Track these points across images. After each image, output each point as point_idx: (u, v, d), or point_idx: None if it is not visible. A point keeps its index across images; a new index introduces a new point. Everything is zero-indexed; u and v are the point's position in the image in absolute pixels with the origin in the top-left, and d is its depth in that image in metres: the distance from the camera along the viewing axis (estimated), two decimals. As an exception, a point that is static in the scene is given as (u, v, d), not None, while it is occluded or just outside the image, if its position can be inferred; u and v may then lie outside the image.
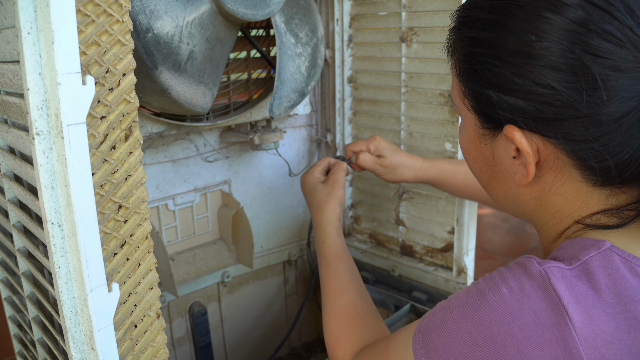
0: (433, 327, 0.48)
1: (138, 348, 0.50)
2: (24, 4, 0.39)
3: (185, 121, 0.91)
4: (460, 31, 0.50)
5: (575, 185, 0.47)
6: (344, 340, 0.66)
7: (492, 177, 0.53)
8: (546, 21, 0.42)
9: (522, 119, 0.45)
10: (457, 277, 1.00)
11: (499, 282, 0.45)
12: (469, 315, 0.45)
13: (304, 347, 1.30)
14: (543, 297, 0.42)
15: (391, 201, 1.10)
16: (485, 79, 0.47)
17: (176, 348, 1.06)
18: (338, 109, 1.13)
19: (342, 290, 0.72)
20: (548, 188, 0.48)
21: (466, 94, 0.50)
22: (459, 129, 0.56)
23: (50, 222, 0.43)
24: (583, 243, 0.45)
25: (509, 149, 0.48)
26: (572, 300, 0.41)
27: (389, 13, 1.01)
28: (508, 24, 0.44)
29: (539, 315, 0.42)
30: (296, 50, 0.93)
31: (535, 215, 0.52)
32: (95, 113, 0.44)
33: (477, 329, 0.44)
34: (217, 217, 1.07)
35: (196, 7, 0.75)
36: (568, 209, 0.48)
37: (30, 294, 0.60)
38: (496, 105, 0.46)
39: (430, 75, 0.97)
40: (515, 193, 0.52)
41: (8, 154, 0.54)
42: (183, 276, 1.01)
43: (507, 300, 0.43)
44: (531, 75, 0.43)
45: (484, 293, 0.45)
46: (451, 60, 0.53)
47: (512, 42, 0.44)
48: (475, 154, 0.53)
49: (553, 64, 0.42)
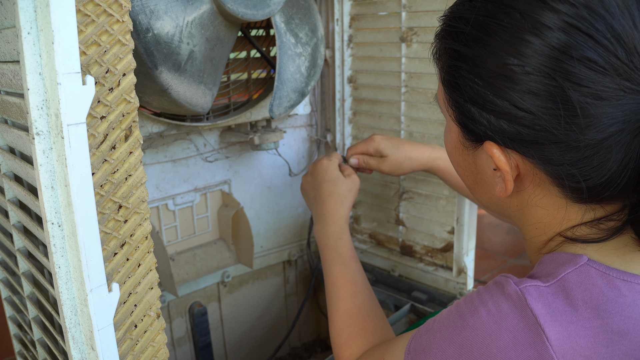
0: (419, 349, 0.50)
1: (138, 348, 0.50)
2: (24, 4, 0.39)
3: (185, 121, 0.91)
4: (445, 40, 0.49)
5: (555, 200, 0.47)
6: (351, 342, 0.67)
7: (475, 182, 0.54)
8: (527, 45, 0.42)
9: (500, 138, 0.45)
10: (457, 277, 1.00)
11: (478, 304, 0.46)
12: (451, 338, 0.46)
13: (304, 347, 1.30)
14: (520, 317, 0.42)
15: (391, 201, 1.10)
16: (467, 95, 0.46)
17: (176, 348, 1.06)
18: (338, 109, 1.13)
19: (354, 293, 0.72)
20: (528, 200, 0.49)
21: (450, 103, 0.50)
22: (445, 131, 0.56)
23: (50, 222, 0.43)
24: (560, 258, 0.46)
25: (489, 162, 0.48)
26: (549, 318, 0.41)
27: (389, 13, 1.01)
28: (490, 44, 0.44)
29: (517, 335, 0.42)
30: (296, 50, 0.93)
31: (519, 223, 0.53)
32: (95, 113, 0.44)
33: (460, 352, 0.45)
34: (217, 217, 1.07)
35: (196, 7, 0.75)
36: (549, 221, 0.48)
37: (30, 294, 0.60)
38: (477, 121, 0.46)
39: (430, 75, 0.97)
40: (497, 200, 0.52)
41: (8, 154, 0.54)
42: (183, 276, 1.01)
43: (485, 322, 0.44)
44: (511, 98, 0.43)
45: (464, 315, 0.46)
46: (436, 66, 0.52)
47: (493, 63, 0.43)
48: (459, 159, 0.54)
49: (533, 90, 0.42)
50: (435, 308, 1.00)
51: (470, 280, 0.99)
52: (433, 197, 1.02)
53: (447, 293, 1.01)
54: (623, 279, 0.43)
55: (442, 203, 1.00)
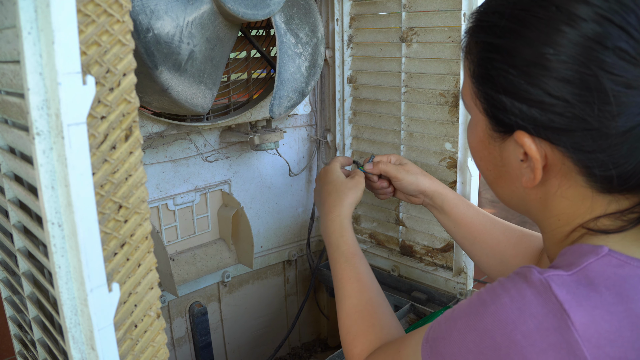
0: (439, 337, 0.50)
1: (138, 348, 0.50)
2: (25, 4, 0.39)
3: (185, 121, 0.91)
4: (477, 35, 0.51)
5: (580, 191, 0.48)
6: (361, 338, 0.67)
7: (498, 176, 0.54)
8: (563, 35, 0.44)
9: (533, 127, 0.46)
10: (457, 277, 1.00)
11: (500, 291, 0.46)
12: (473, 325, 0.46)
13: (304, 347, 1.30)
14: (544, 303, 0.43)
15: (391, 201, 1.10)
16: (500, 85, 0.48)
17: (176, 348, 1.06)
18: (338, 109, 1.13)
19: (360, 289, 0.72)
20: (554, 191, 0.49)
21: (479, 96, 0.51)
22: (468, 127, 0.57)
23: (50, 222, 0.43)
24: (582, 250, 0.46)
25: (517, 152, 0.50)
26: (574, 304, 0.42)
27: (389, 13, 1.01)
28: (526, 34, 0.46)
29: (541, 321, 0.42)
30: (296, 50, 0.93)
31: (540, 216, 0.53)
32: (95, 113, 0.44)
33: (481, 338, 0.45)
34: (217, 217, 1.07)
35: (196, 7, 0.75)
36: (573, 212, 0.49)
37: (30, 293, 0.60)
38: (508, 111, 0.48)
39: (430, 75, 0.97)
40: (521, 193, 0.53)
41: (8, 154, 0.54)
42: (183, 276, 1.01)
43: (508, 309, 0.44)
44: (545, 86, 0.45)
45: (486, 303, 0.46)
46: (465, 60, 0.54)
47: (529, 52, 0.45)
48: (483, 152, 0.55)
49: (567, 78, 0.43)
50: (435, 308, 0.99)
51: (470, 280, 0.99)
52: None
53: (447, 293, 1.01)
54: None
55: (442, 203, 1.00)
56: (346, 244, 0.77)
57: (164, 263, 0.91)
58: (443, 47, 0.94)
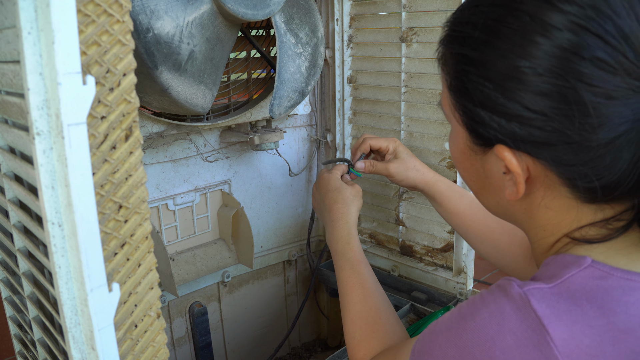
0: (423, 351, 0.50)
1: (138, 348, 0.50)
2: (25, 4, 0.39)
3: (185, 121, 0.91)
4: (452, 46, 0.49)
5: (565, 202, 0.47)
6: (364, 343, 0.68)
7: (482, 187, 0.54)
8: (538, 46, 0.42)
9: (512, 141, 0.45)
10: (457, 277, 1.00)
11: (480, 306, 0.46)
12: (453, 341, 0.46)
13: (304, 347, 1.30)
14: (522, 318, 0.42)
15: (391, 201, 1.10)
16: (477, 99, 0.46)
17: (176, 348, 1.06)
18: (338, 109, 1.13)
19: (365, 296, 0.72)
20: (538, 202, 0.49)
21: (457, 108, 0.50)
22: (450, 137, 0.56)
23: (50, 222, 0.43)
24: (565, 260, 0.46)
25: (499, 165, 0.49)
26: (554, 319, 0.41)
27: (389, 13, 1.01)
28: (500, 46, 0.44)
29: (519, 337, 0.42)
30: (296, 50, 0.93)
31: (526, 226, 0.53)
32: (95, 113, 0.44)
33: (462, 354, 0.45)
34: (217, 217, 1.07)
35: (196, 7, 0.75)
36: (558, 223, 0.48)
37: (30, 293, 0.60)
38: (487, 125, 0.46)
39: (430, 75, 0.97)
40: (505, 204, 0.52)
41: (8, 154, 0.54)
42: (183, 276, 1.01)
43: (487, 325, 0.44)
44: (522, 100, 0.43)
45: (465, 318, 0.46)
46: (441, 72, 0.52)
47: (504, 65, 0.44)
48: (466, 164, 0.54)
49: (545, 91, 0.42)
50: (435, 308, 1.00)
51: (470, 280, 0.99)
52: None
53: (447, 293, 1.01)
54: (627, 279, 0.43)
55: (442, 203, 1.00)
56: (352, 251, 0.77)
57: (164, 263, 0.91)
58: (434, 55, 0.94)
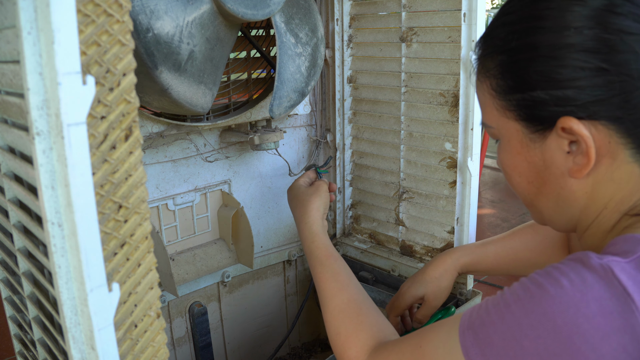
0: (488, 323, 0.47)
1: (138, 348, 0.50)
2: (25, 4, 0.39)
3: (185, 121, 0.91)
4: (491, 52, 0.53)
5: (627, 169, 0.49)
6: (352, 338, 0.64)
7: (542, 183, 0.54)
8: (577, 13, 0.47)
9: (574, 108, 0.48)
10: (457, 277, 1.00)
11: (558, 275, 0.45)
12: (530, 309, 0.44)
13: (304, 347, 1.30)
14: (606, 287, 0.42)
15: (391, 201, 1.10)
16: (531, 82, 0.49)
17: (176, 348, 1.06)
18: (338, 109, 1.13)
19: (340, 288, 0.71)
20: (602, 176, 0.50)
21: (507, 107, 0.52)
22: (499, 151, 0.57)
23: (50, 222, 0.43)
24: (635, 239, 0.47)
25: (562, 146, 0.50)
26: (637, 289, 0.42)
27: (389, 13, 1.01)
28: (543, 25, 0.48)
29: (604, 304, 0.42)
30: (296, 50, 0.93)
31: (585, 213, 0.53)
32: (95, 113, 0.44)
33: (540, 322, 0.43)
34: (217, 217, 1.07)
35: (196, 7, 0.75)
36: (620, 197, 0.50)
37: (30, 293, 0.60)
38: (546, 103, 0.49)
39: (430, 75, 0.97)
40: (566, 194, 0.53)
41: (8, 154, 0.54)
42: (183, 276, 1.01)
43: (569, 292, 0.43)
44: (575, 62, 0.47)
45: (544, 286, 0.45)
46: (482, 85, 0.55)
47: (550, 38, 0.48)
48: (522, 166, 0.54)
49: (593, 48, 0.46)
50: (435, 308, 0.99)
51: (470, 280, 0.99)
52: (433, 197, 1.02)
53: (447, 293, 1.01)
54: None
55: (442, 203, 1.00)
56: (318, 248, 0.77)
57: (164, 263, 0.91)
58: (443, 47, 0.94)
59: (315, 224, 0.80)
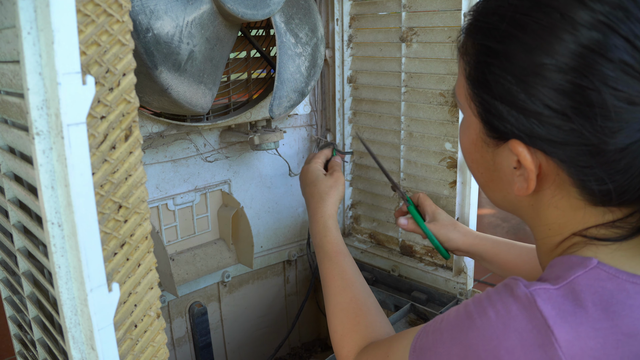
0: (425, 348, 0.50)
1: (138, 348, 0.50)
2: (24, 4, 0.39)
3: (185, 121, 0.91)
4: (475, 36, 0.49)
5: (573, 202, 0.47)
6: (347, 338, 0.66)
7: (490, 180, 0.54)
8: (564, 44, 0.41)
9: (528, 137, 0.45)
10: (457, 277, 1.00)
11: (486, 305, 0.46)
12: (458, 339, 0.46)
13: (304, 347, 1.30)
14: (528, 318, 0.42)
15: (391, 201, 1.10)
16: (496, 92, 0.46)
17: (176, 348, 1.06)
18: (338, 109, 1.13)
19: (345, 287, 0.71)
20: (546, 201, 0.49)
21: (473, 99, 0.50)
22: (460, 127, 0.56)
23: (50, 222, 0.43)
24: (570, 262, 0.46)
25: (510, 160, 0.48)
26: (559, 320, 0.41)
27: (389, 13, 1.01)
28: (525, 41, 0.43)
29: (525, 337, 0.42)
30: (296, 50, 0.93)
31: (532, 223, 0.53)
32: (95, 113, 0.44)
33: (466, 353, 0.45)
34: (217, 217, 1.07)
35: (196, 7, 0.75)
36: (564, 223, 0.48)
37: (30, 293, 0.60)
38: (504, 119, 0.46)
39: (430, 75, 0.97)
40: (512, 199, 0.52)
41: (8, 154, 0.54)
42: (183, 276, 1.01)
43: (493, 324, 0.44)
44: (543, 98, 0.43)
45: (472, 316, 0.46)
46: (460, 60, 0.52)
47: (528, 60, 0.43)
48: (475, 155, 0.53)
49: (567, 90, 0.42)
50: (435, 308, 0.99)
51: (470, 280, 0.99)
52: (433, 197, 1.02)
53: (447, 293, 1.01)
54: (632, 282, 0.43)
55: (442, 203, 1.00)
56: (330, 243, 0.77)
57: (164, 263, 0.91)
58: (443, 47, 0.94)
59: (330, 218, 0.80)
